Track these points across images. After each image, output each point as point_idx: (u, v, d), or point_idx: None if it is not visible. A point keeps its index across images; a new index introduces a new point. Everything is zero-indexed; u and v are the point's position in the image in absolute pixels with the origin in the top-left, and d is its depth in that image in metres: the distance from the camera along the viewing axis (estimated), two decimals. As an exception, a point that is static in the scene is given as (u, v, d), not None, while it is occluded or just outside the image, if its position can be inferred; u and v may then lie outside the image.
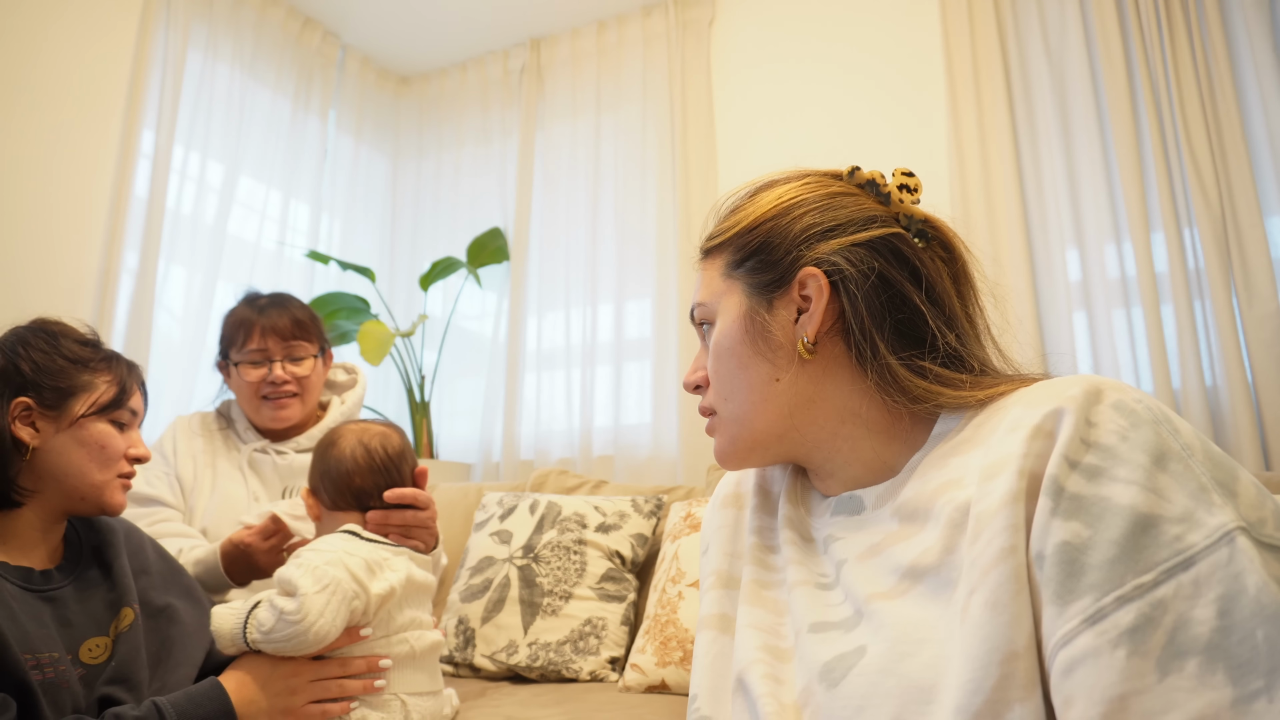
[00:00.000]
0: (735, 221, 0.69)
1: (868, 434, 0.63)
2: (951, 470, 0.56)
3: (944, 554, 0.52)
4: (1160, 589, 0.42)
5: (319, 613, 1.00)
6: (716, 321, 0.68)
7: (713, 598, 0.70)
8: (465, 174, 3.08)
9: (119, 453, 1.05)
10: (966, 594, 0.49)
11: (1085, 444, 0.48)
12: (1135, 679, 0.41)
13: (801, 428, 0.65)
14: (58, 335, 1.05)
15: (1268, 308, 1.84)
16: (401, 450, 1.22)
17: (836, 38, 2.51)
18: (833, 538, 0.64)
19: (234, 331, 1.56)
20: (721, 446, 0.69)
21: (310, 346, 1.59)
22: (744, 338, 0.66)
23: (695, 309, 0.72)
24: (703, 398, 0.72)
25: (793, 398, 0.64)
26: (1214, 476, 0.46)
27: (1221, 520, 0.43)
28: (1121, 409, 0.48)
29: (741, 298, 0.67)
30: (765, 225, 0.67)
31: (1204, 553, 0.43)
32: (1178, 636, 0.41)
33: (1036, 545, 0.47)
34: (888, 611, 0.54)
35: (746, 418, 0.66)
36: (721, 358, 0.67)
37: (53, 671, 0.90)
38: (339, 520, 1.18)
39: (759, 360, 0.65)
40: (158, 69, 2.36)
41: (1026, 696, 0.45)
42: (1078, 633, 0.44)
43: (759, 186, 0.71)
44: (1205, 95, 1.96)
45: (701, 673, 0.66)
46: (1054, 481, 0.47)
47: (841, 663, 0.54)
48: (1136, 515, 0.44)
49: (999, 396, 0.57)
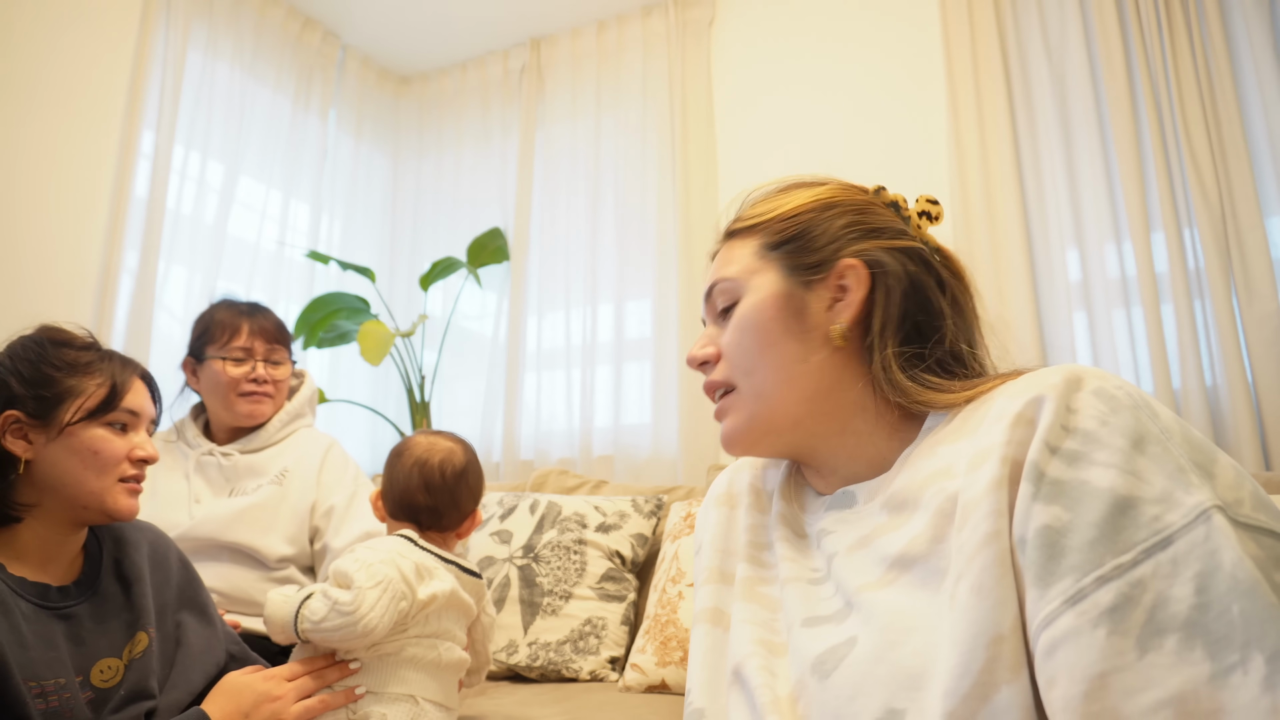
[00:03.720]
0: (770, 209, 0.69)
1: (873, 431, 0.65)
2: (940, 459, 0.57)
3: (933, 543, 0.53)
4: (1139, 568, 0.43)
5: (371, 606, 1.01)
6: (744, 297, 0.67)
7: (707, 592, 0.70)
8: (465, 174, 3.08)
9: (117, 456, 1.00)
10: (954, 580, 0.50)
11: (1065, 429, 0.49)
12: (1115, 657, 0.42)
13: (817, 415, 0.65)
14: (47, 343, 1.00)
15: (1268, 308, 1.84)
16: (463, 471, 1.20)
17: (836, 38, 2.51)
18: (825, 532, 0.65)
19: (217, 330, 1.59)
20: (735, 425, 0.68)
21: (287, 353, 1.66)
22: (778, 314, 0.65)
23: (717, 284, 0.70)
24: (710, 373, 0.70)
25: (817, 382, 0.65)
26: (1192, 458, 0.46)
27: (1198, 499, 0.44)
28: (1101, 395, 0.49)
29: (778, 275, 0.67)
30: (805, 216, 0.68)
31: (1181, 531, 0.43)
32: (1157, 614, 0.42)
33: (1019, 530, 0.48)
34: (876, 601, 0.54)
35: (769, 394, 0.65)
36: (748, 331, 0.66)
37: (57, 700, 0.88)
38: (397, 530, 1.18)
39: (789, 339, 0.65)
40: (158, 69, 2.36)
41: (1013, 678, 0.45)
42: (1059, 613, 0.44)
43: (790, 184, 0.72)
44: (1205, 95, 1.96)
45: (697, 666, 0.67)
46: (1035, 467, 0.48)
47: (833, 655, 0.55)
48: (1115, 497, 0.45)
49: (987, 391, 0.59)
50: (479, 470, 1.25)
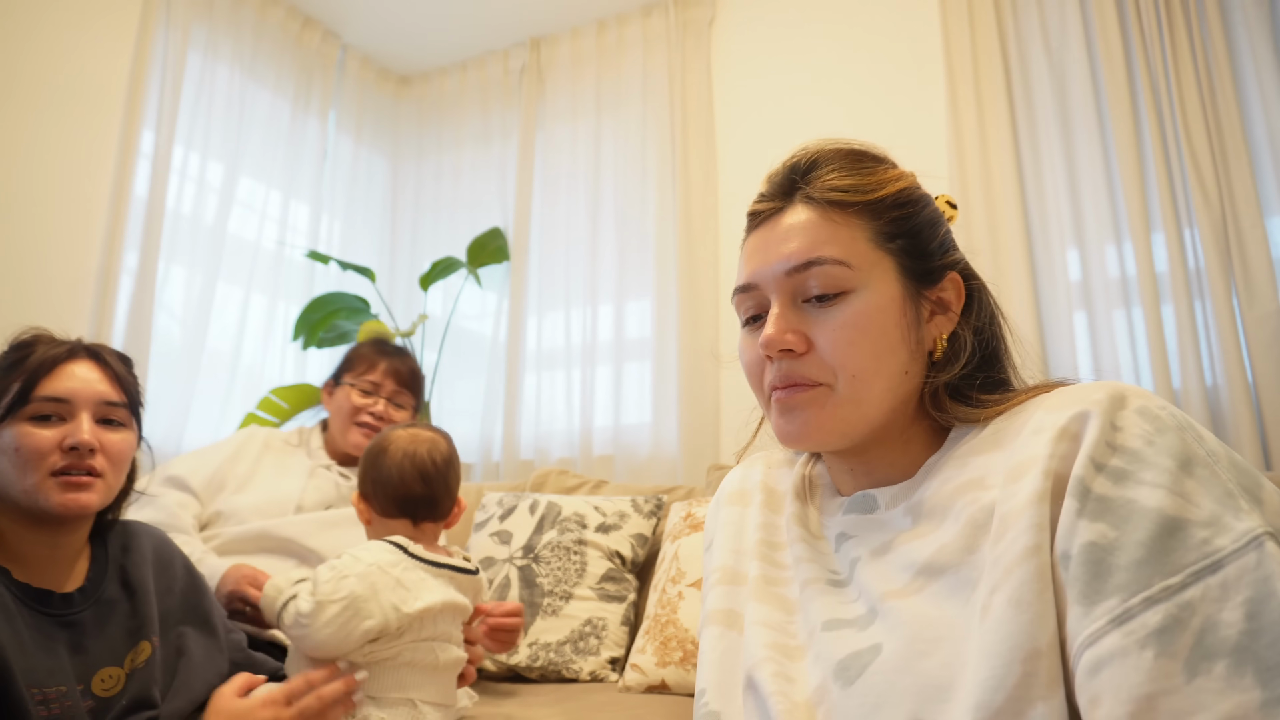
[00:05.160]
0: (873, 184, 0.64)
1: (912, 439, 0.64)
2: (972, 470, 0.56)
3: (965, 553, 0.52)
4: (1188, 591, 0.42)
5: (326, 622, 1.00)
6: (861, 291, 0.61)
7: (719, 594, 0.69)
8: (465, 174, 3.08)
9: (40, 450, 0.94)
10: (988, 592, 0.49)
11: (1111, 447, 0.48)
12: (1163, 679, 0.41)
13: (890, 424, 0.63)
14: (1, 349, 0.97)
15: (1268, 308, 1.84)
16: (450, 457, 1.21)
17: (836, 38, 2.51)
18: (845, 535, 0.64)
19: (358, 360, 1.75)
20: (819, 425, 0.61)
21: (413, 400, 1.78)
22: (900, 321, 0.61)
23: (819, 261, 0.61)
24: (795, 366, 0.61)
25: (907, 393, 0.63)
26: (1240, 483, 0.46)
27: (1249, 525, 0.43)
28: (1146, 414, 0.49)
29: (898, 278, 0.62)
30: (910, 205, 0.64)
31: (1232, 556, 0.43)
32: (1205, 638, 0.41)
33: (1062, 545, 0.47)
34: (902, 609, 0.54)
35: (869, 401, 0.60)
36: (868, 333, 0.60)
37: (59, 707, 0.87)
38: (389, 528, 1.16)
39: (902, 348, 0.62)
40: (158, 69, 2.36)
41: (1049, 695, 0.45)
42: (1105, 632, 0.44)
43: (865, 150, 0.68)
44: (1205, 95, 1.96)
45: (709, 668, 0.65)
46: (1080, 483, 0.47)
47: (856, 660, 0.54)
48: (1164, 518, 0.44)
49: (1018, 404, 0.58)
50: (459, 459, 1.26)
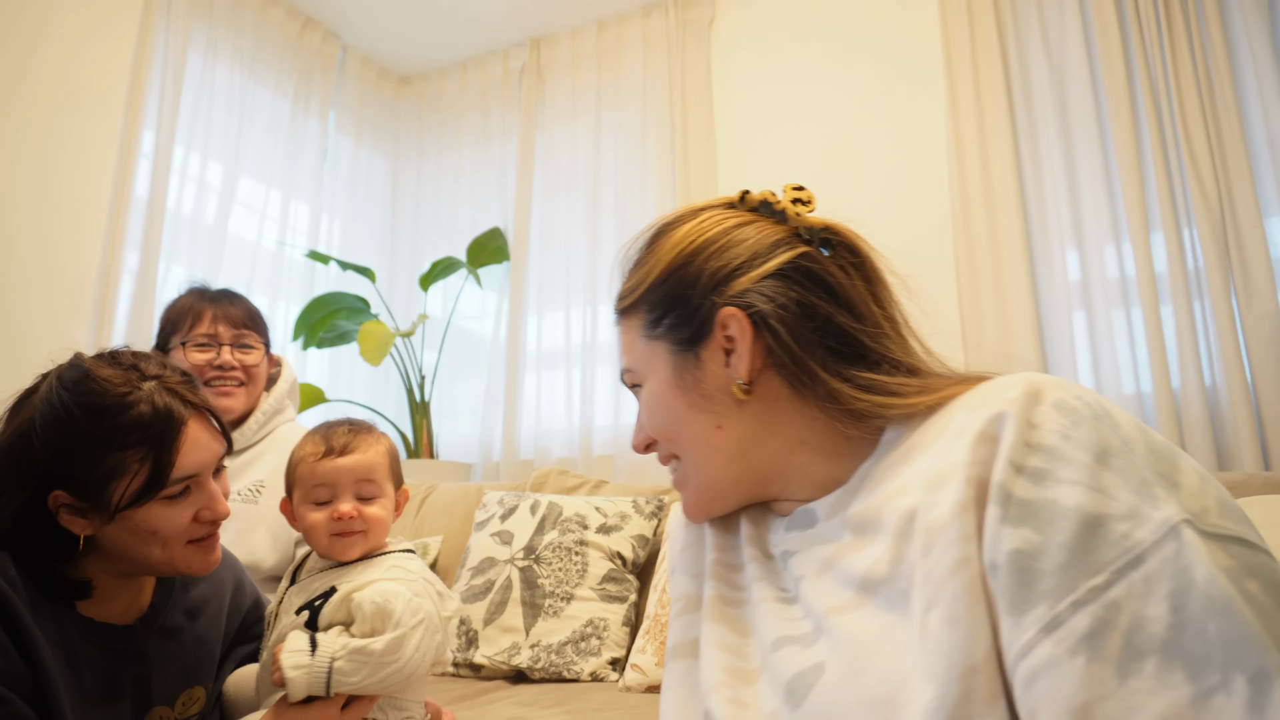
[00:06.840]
0: (642, 277, 0.68)
1: (819, 458, 0.63)
2: (899, 478, 0.56)
3: (893, 564, 0.52)
4: (1113, 590, 0.42)
5: (415, 647, 0.91)
6: (646, 383, 0.68)
7: (681, 625, 0.67)
8: (465, 174, 3.08)
9: (179, 529, 0.88)
10: (924, 609, 0.48)
11: (1029, 446, 0.48)
12: (1096, 685, 0.41)
13: (754, 467, 0.65)
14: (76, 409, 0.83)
15: (1267, 308, 1.84)
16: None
17: (836, 38, 2.51)
18: (789, 552, 0.63)
19: (180, 317, 1.45)
20: (688, 501, 0.69)
21: (259, 338, 1.50)
22: (678, 394, 0.65)
23: (624, 374, 0.71)
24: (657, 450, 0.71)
25: (739, 441, 0.64)
26: (1155, 469, 0.46)
27: (1166, 514, 0.43)
28: (1062, 407, 0.48)
29: (667, 357, 0.66)
30: (673, 276, 0.66)
31: (1152, 549, 0.43)
32: (1134, 637, 0.41)
33: (989, 554, 0.47)
34: (843, 626, 0.53)
35: (702, 465, 0.66)
36: (659, 415, 0.67)
37: None
38: None
39: (696, 413, 0.65)
40: (158, 70, 2.36)
41: (989, 710, 0.44)
42: (1036, 642, 0.43)
43: (656, 232, 0.71)
44: (1205, 95, 1.96)
45: (676, 705, 0.62)
46: (1001, 488, 0.47)
47: (802, 681, 0.53)
48: (1083, 516, 0.44)
49: (947, 401, 0.57)
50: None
